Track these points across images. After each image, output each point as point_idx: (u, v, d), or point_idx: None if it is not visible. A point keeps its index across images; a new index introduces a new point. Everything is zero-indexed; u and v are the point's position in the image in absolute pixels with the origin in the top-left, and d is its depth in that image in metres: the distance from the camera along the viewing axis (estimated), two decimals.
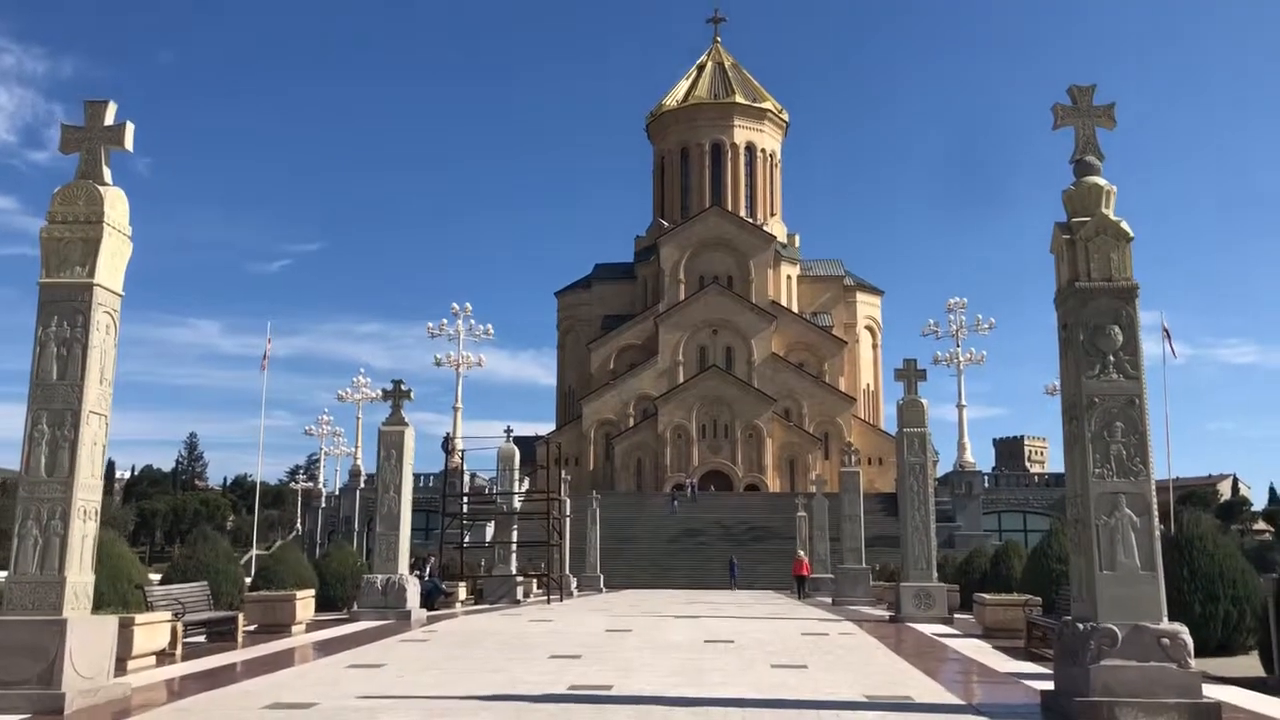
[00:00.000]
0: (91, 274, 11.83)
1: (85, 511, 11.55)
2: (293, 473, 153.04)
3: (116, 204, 12.20)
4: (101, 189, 12.04)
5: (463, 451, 53.10)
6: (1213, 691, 11.20)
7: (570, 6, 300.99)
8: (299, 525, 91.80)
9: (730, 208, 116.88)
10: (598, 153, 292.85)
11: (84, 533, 11.52)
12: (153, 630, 15.30)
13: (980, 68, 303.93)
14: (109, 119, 12.43)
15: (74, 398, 11.61)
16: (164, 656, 15.79)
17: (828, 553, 47.79)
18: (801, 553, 50.04)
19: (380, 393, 28.84)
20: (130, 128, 12.42)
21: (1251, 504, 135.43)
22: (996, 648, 18.20)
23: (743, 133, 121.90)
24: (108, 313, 12.08)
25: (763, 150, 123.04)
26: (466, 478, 61.90)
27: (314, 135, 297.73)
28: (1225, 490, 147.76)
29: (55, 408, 11.61)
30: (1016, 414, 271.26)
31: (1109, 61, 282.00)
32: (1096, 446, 10.96)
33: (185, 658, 16.06)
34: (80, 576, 11.38)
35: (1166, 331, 67.06)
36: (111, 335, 12.17)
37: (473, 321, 78.70)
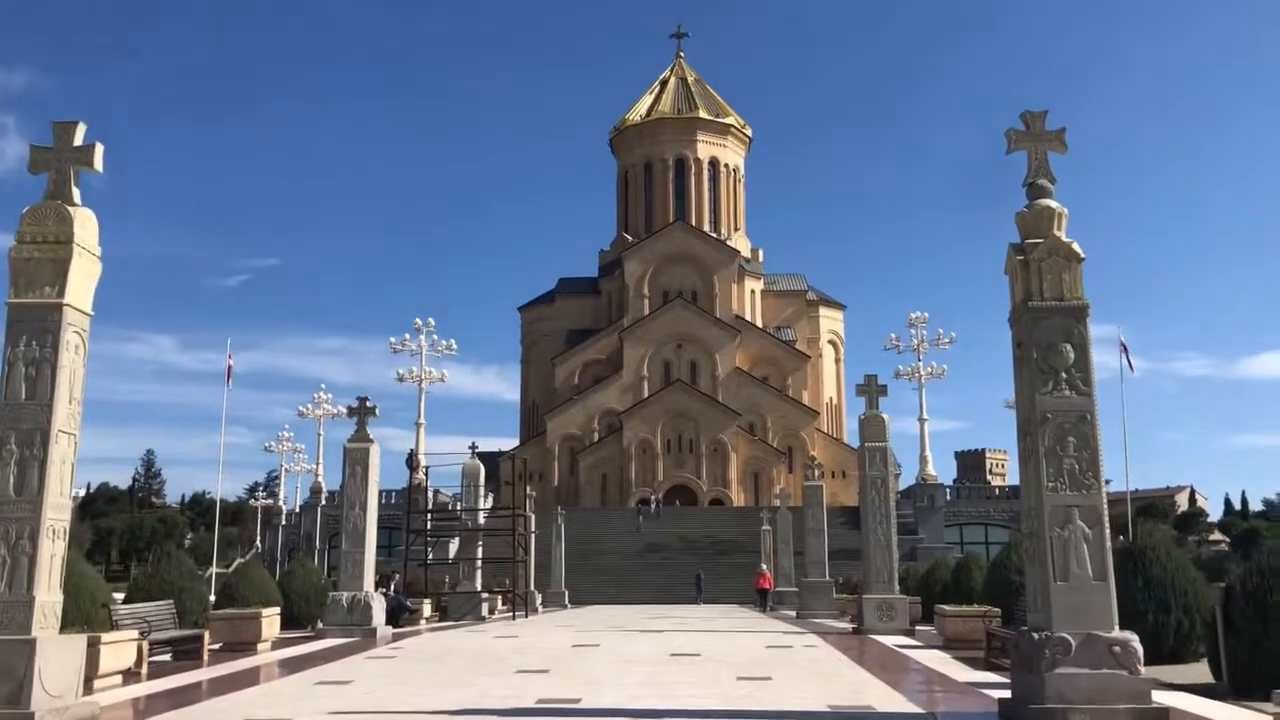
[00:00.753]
0: (61, 294, 11.87)
1: (54, 531, 11.57)
2: (252, 490, 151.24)
3: (86, 224, 12.26)
4: (71, 209, 12.08)
5: (426, 468, 52.95)
6: (1163, 697, 11.57)
7: (533, 24, 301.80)
8: (259, 543, 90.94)
9: (694, 222, 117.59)
10: (561, 167, 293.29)
11: (53, 552, 11.53)
12: (119, 649, 15.28)
13: (944, 82, 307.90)
14: (78, 139, 12.48)
15: (43, 417, 11.63)
16: (130, 675, 15.75)
17: (792, 566, 48.11)
18: (764, 566, 50.63)
19: (342, 409, 28.84)
20: (99, 149, 12.48)
21: (1208, 515, 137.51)
22: (957, 658, 18.55)
23: (706, 148, 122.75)
24: (77, 333, 12.12)
25: (726, 165, 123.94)
26: (430, 494, 61.69)
27: (271, 149, 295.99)
28: (1183, 501, 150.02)
29: (24, 427, 11.62)
30: (978, 427, 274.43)
31: (1063, 80, 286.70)
32: (1050, 461, 11.32)
33: (151, 676, 16.03)
34: (49, 596, 11.40)
35: (1124, 346, 68.35)
36: (81, 355, 12.21)
37: (435, 337, 78.68)
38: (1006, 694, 11.83)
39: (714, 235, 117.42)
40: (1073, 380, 11.49)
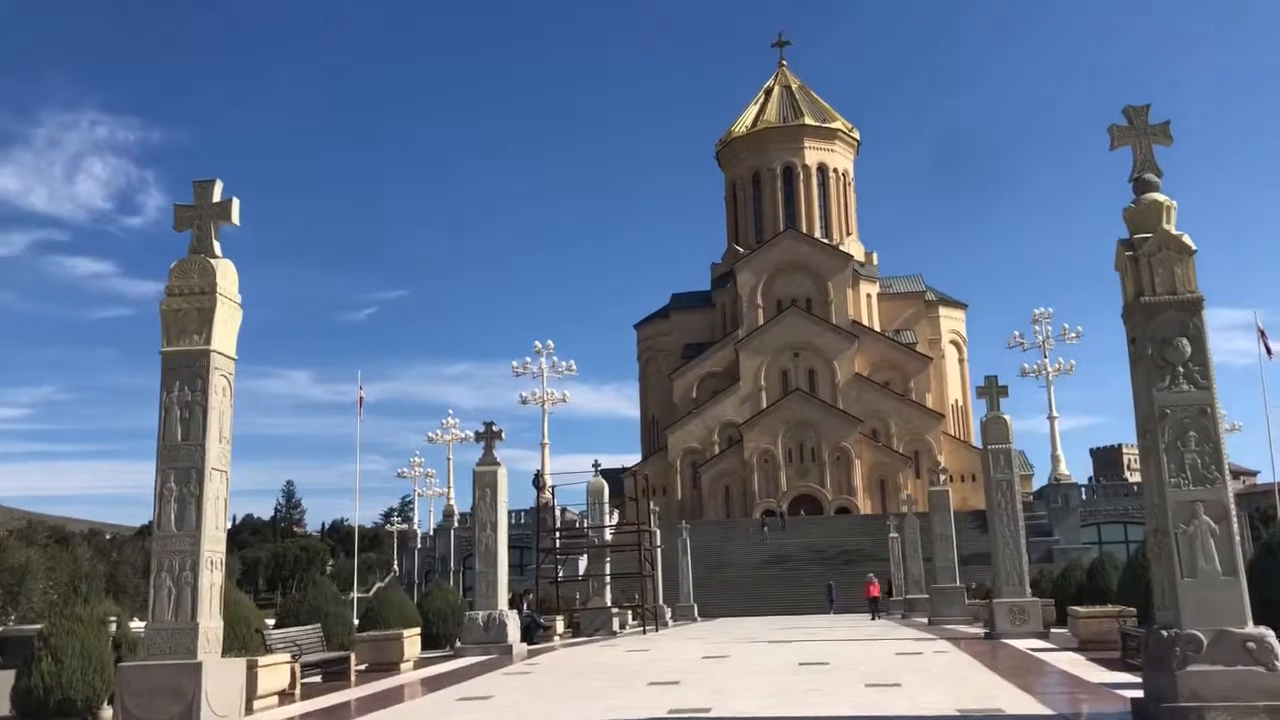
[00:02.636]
0: (208, 341, 12.81)
1: (212, 562, 12.47)
2: (387, 515, 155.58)
3: (227, 274, 13.19)
4: (213, 261, 13.03)
5: (553, 487, 54.01)
6: None
7: (635, 39, 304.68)
8: (396, 566, 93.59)
9: (805, 229, 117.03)
10: (670, 183, 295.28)
11: (212, 581, 12.44)
12: (274, 671, 16.19)
13: (1050, 74, 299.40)
14: (217, 195, 13.44)
15: (197, 456, 12.56)
16: (285, 696, 16.65)
17: (921, 573, 47.49)
18: (872, 575, 53.00)
19: (470, 434, 29.74)
20: (236, 204, 13.42)
21: None
22: (1091, 660, 18.25)
23: (814, 154, 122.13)
24: (224, 376, 13.04)
25: (835, 170, 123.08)
26: (558, 512, 62.78)
27: (393, 182, 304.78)
28: None
29: (181, 466, 12.56)
30: (1113, 422, 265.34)
31: (1199, 65, 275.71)
32: (1171, 457, 11.20)
33: (304, 697, 16.93)
34: (211, 622, 12.28)
35: (1261, 330, 65.38)
36: (228, 397, 13.13)
37: (555, 358, 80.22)
38: (1140, 694, 11.71)
39: (825, 241, 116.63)
40: (1190, 374, 11.36)
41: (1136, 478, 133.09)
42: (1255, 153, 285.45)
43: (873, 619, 45.60)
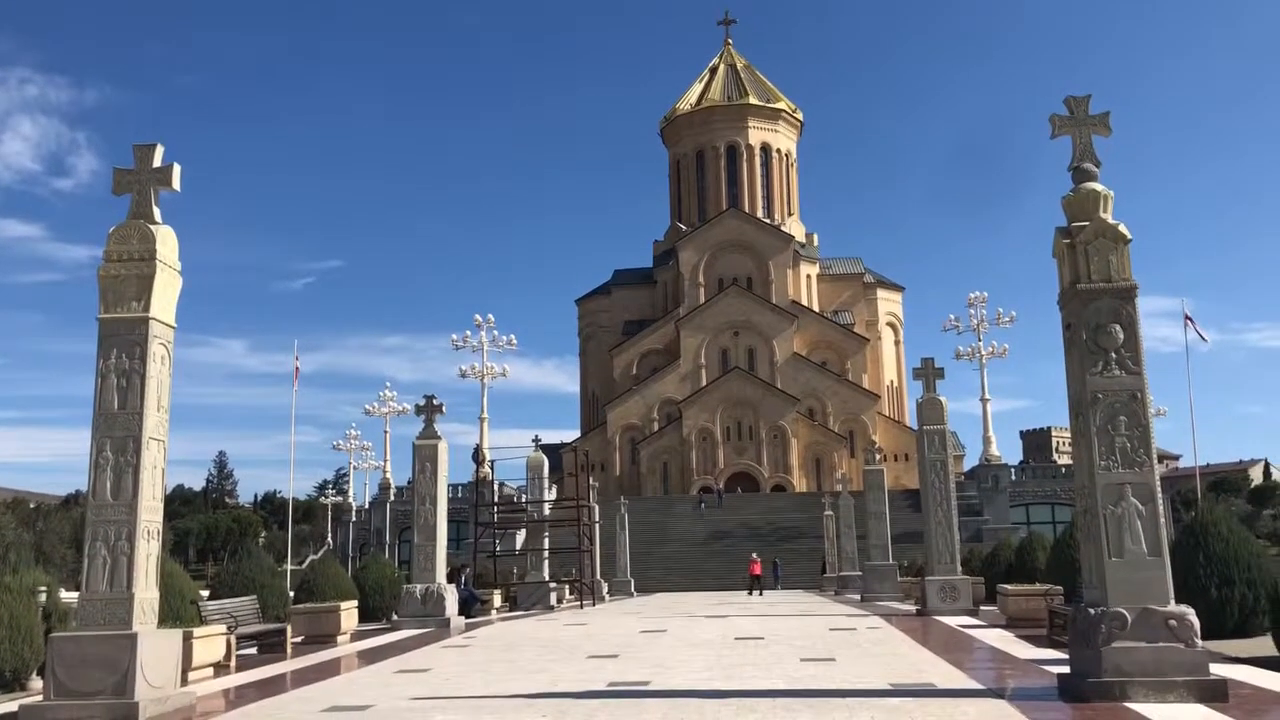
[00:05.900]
0: (147, 309, 12.56)
1: (149, 532, 12.28)
2: (321, 488, 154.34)
3: (167, 240, 12.94)
4: (153, 228, 12.76)
5: (492, 462, 53.84)
6: (1223, 670, 11.74)
7: (580, 14, 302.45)
8: (330, 539, 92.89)
9: (747, 209, 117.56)
10: (613, 159, 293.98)
11: (148, 552, 12.25)
12: (210, 643, 16.07)
13: (998, 63, 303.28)
14: (157, 160, 13.17)
15: (135, 425, 12.33)
16: (220, 668, 16.54)
17: (855, 550, 48.27)
18: (755, 554, 55.46)
19: (407, 407, 29.59)
20: (177, 169, 13.14)
21: None
22: (1019, 637, 18.74)
23: (757, 134, 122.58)
24: (163, 344, 12.81)
25: (778, 150, 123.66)
26: (496, 487, 62.65)
27: (331, 153, 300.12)
28: (1257, 475, 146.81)
29: (117, 435, 12.34)
30: (1043, 406, 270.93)
31: (1131, 58, 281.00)
32: (1102, 440, 11.54)
33: (240, 669, 16.82)
34: (147, 593, 12.12)
35: (1189, 318, 67.12)
36: (166, 365, 12.91)
37: (495, 332, 79.95)
38: (1066, 669, 12.07)
39: (768, 221, 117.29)
40: (1122, 360, 11.68)
41: (1065, 460, 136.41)
42: (1182, 141, 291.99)
43: (749, 594, 48.02)
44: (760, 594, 48.27)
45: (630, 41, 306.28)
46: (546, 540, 40.20)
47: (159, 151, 13.18)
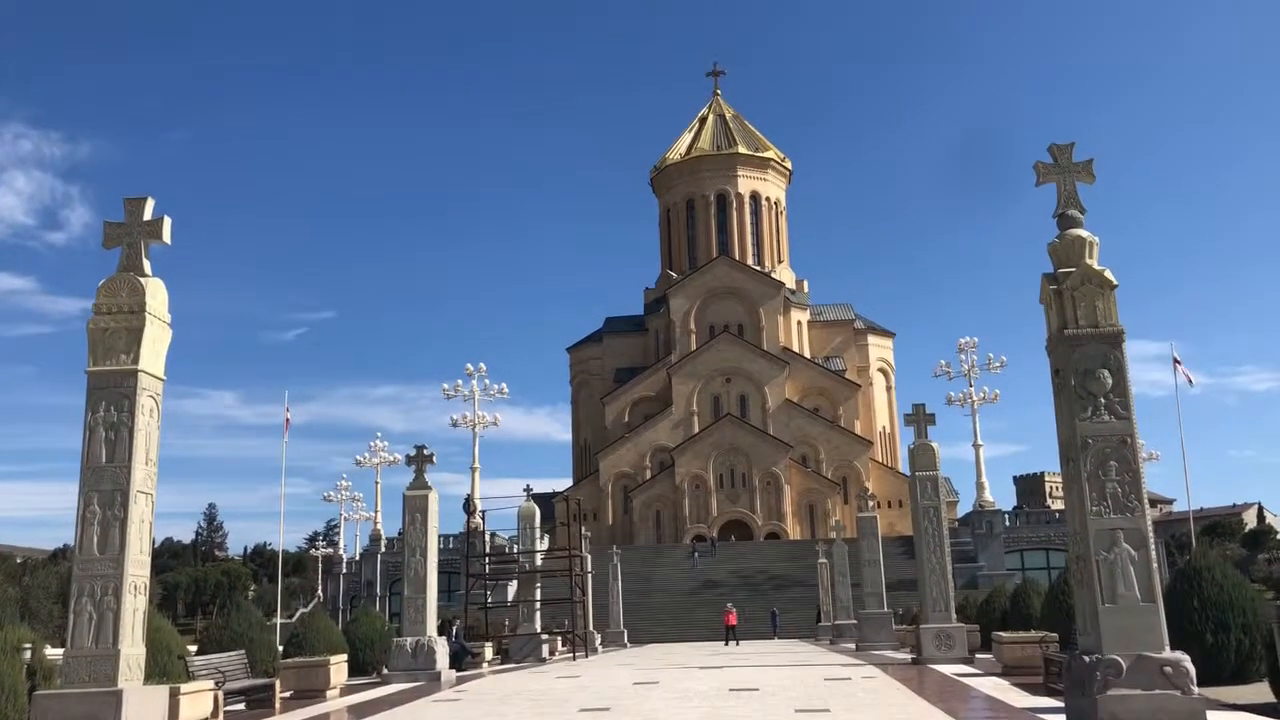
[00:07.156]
0: (136, 361, 12.57)
1: (135, 586, 12.20)
2: (312, 539, 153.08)
3: (157, 293, 12.98)
4: (143, 280, 12.81)
5: (483, 512, 53.61)
6: (1220, 717, 11.64)
7: (571, 67, 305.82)
8: (320, 592, 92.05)
9: (738, 256, 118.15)
10: (604, 208, 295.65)
11: (135, 606, 12.16)
12: (197, 699, 15.81)
13: (983, 105, 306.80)
14: (148, 214, 13.24)
15: (123, 478, 12.29)
16: None
17: (849, 598, 47.92)
18: (730, 605, 56.09)
19: (398, 457, 29.47)
20: (168, 222, 13.23)
21: (1278, 532, 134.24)
22: (1015, 685, 18.57)
23: (747, 182, 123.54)
24: (151, 397, 12.80)
25: (767, 199, 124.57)
26: (488, 537, 62.28)
27: (324, 204, 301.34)
28: (1250, 519, 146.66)
29: (105, 489, 12.29)
30: (1036, 451, 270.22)
31: (1109, 97, 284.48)
32: (1093, 485, 11.54)
33: None
34: (133, 649, 11.99)
35: (1177, 361, 67.33)
36: (155, 418, 12.88)
37: (487, 381, 79.81)
38: (1062, 718, 11.97)
39: (758, 268, 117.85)
40: (1111, 405, 11.72)
41: (1059, 505, 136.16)
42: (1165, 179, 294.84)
43: (725, 644, 48.36)
44: (737, 644, 48.64)
45: (621, 93, 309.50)
46: (539, 591, 39.88)
47: (149, 204, 13.25)
